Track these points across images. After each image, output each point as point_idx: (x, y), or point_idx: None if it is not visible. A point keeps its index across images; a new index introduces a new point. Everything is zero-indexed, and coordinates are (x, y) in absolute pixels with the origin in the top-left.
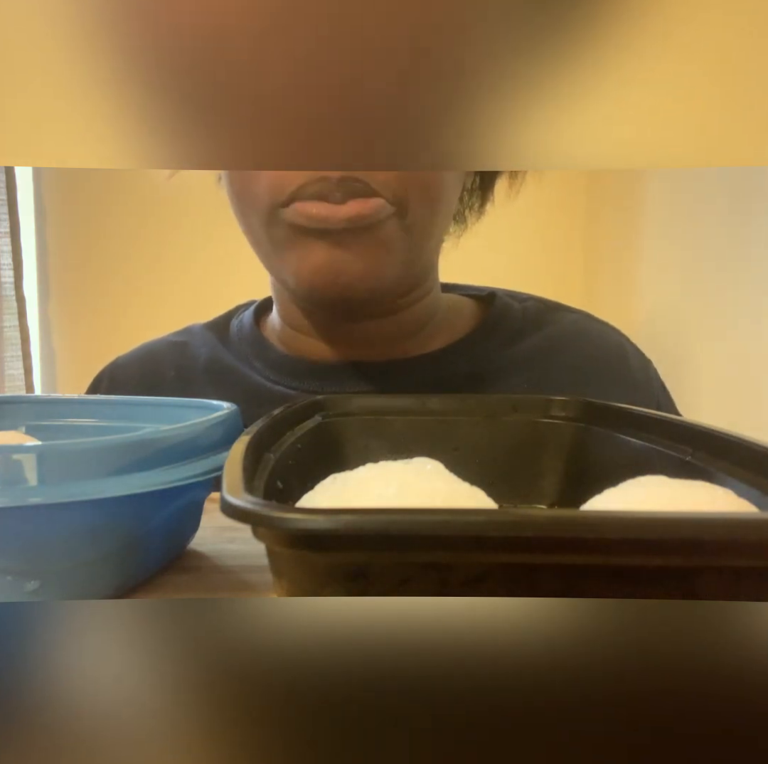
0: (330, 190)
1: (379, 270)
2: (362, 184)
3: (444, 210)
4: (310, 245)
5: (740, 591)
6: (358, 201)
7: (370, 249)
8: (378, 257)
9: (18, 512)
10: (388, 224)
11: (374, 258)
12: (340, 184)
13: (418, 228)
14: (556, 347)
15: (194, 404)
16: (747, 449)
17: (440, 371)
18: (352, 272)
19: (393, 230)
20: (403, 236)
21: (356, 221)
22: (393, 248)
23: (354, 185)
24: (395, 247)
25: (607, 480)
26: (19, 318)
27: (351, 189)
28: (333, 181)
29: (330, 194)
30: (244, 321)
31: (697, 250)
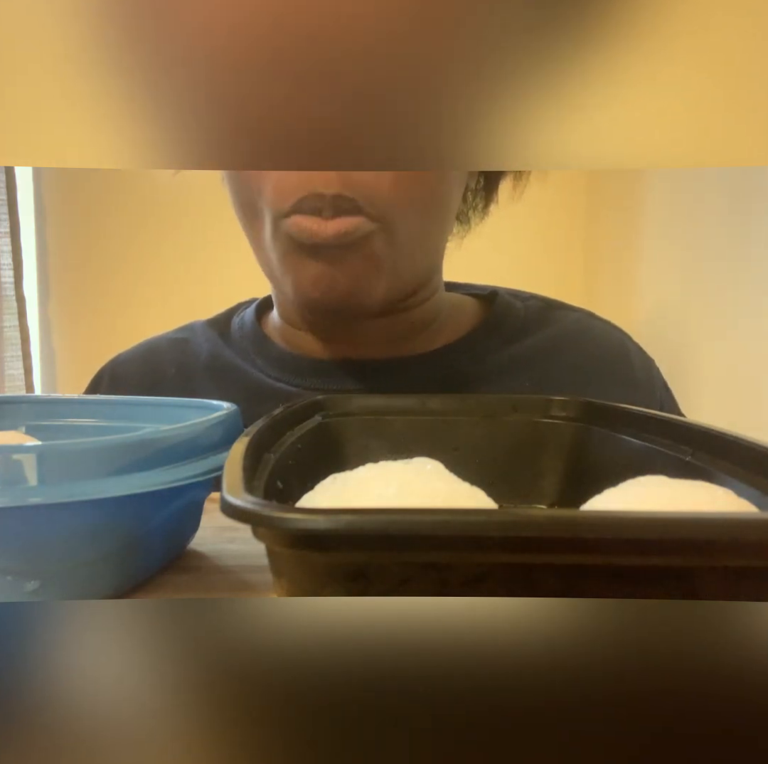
0: (324, 205)
1: (367, 285)
2: (349, 201)
3: (436, 223)
4: (305, 259)
5: (740, 591)
6: (344, 219)
7: (357, 265)
8: (365, 272)
9: (18, 512)
10: (375, 241)
11: (361, 274)
12: (333, 201)
13: (407, 243)
14: (558, 346)
15: (194, 404)
16: (747, 449)
17: (442, 369)
18: (342, 287)
19: (380, 246)
20: (391, 251)
21: (341, 238)
22: (380, 263)
23: (342, 203)
24: (383, 262)
25: (607, 480)
26: (19, 318)
27: (340, 206)
28: (327, 198)
29: (323, 210)
30: (245, 318)
31: (697, 250)
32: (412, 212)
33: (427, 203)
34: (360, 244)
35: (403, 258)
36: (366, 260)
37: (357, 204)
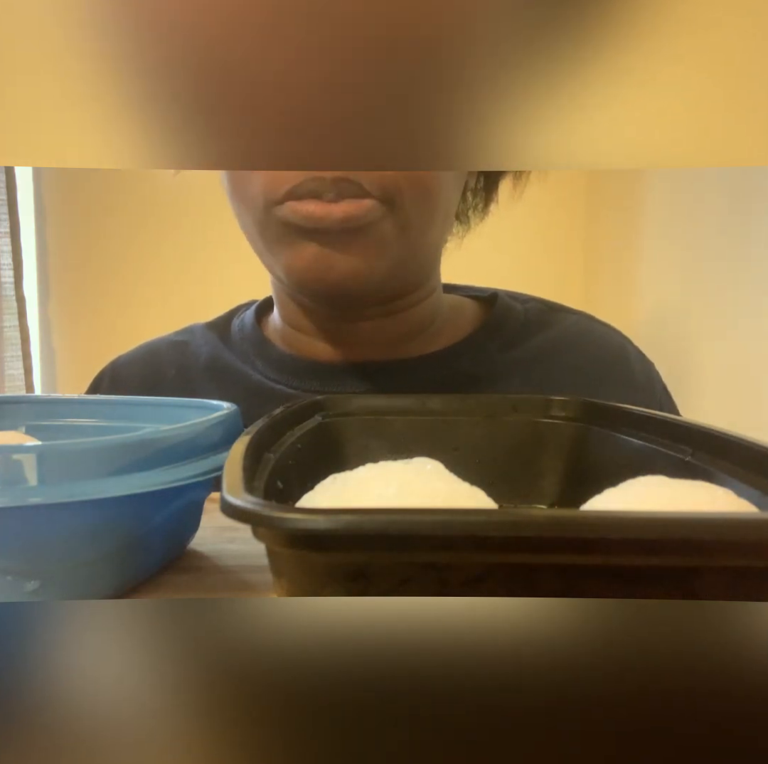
0: (324, 189)
1: (371, 268)
2: (355, 184)
3: (441, 207)
4: (302, 242)
5: (740, 591)
6: (350, 202)
7: (362, 248)
8: (370, 255)
9: (18, 512)
10: (382, 224)
11: (366, 256)
12: (334, 184)
13: (413, 226)
14: (558, 349)
15: (194, 404)
16: (747, 449)
17: (442, 371)
18: (342, 269)
19: (387, 229)
20: (398, 234)
21: (349, 222)
22: (386, 246)
23: (347, 186)
24: (389, 245)
25: (607, 480)
26: (19, 318)
27: (344, 189)
28: (327, 180)
29: (324, 193)
30: (245, 320)
31: (697, 250)
32: (418, 196)
33: (435, 187)
34: (367, 228)
35: (404, 246)
36: (370, 245)
37: (363, 188)
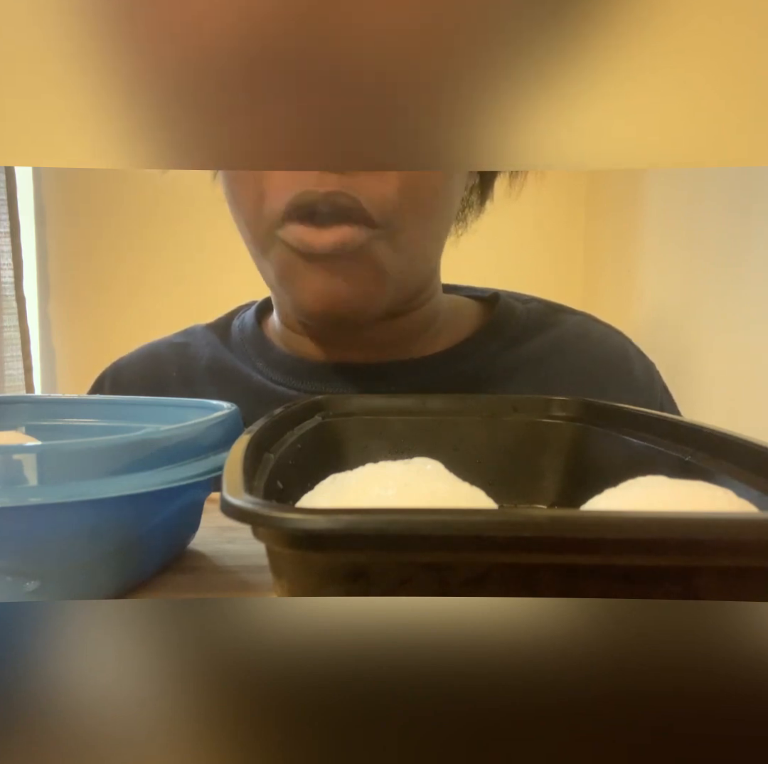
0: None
1: (374, 293)
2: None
3: (439, 226)
4: (307, 270)
5: (740, 591)
6: (337, 228)
7: (362, 273)
8: (371, 280)
9: (18, 512)
10: (377, 246)
11: (367, 282)
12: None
13: (410, 245)
14: (559, 349)
15: (194, 404)
16: (747, 449)
17: (443, 372)
18: (348, 298)
19: (381, 252)
20: (395, 255)
21: (340, 248)
22: (385, 269)
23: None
24: (387, 268)
25: (607, 480)
26: (19, 318)
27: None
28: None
29: (317, 212)
30: (245, 321)
31: (697, 250)
32: (416, 215)
33: (431, 205)
34: (359, 253)
35: (405, 263)
36: (367, 269)
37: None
